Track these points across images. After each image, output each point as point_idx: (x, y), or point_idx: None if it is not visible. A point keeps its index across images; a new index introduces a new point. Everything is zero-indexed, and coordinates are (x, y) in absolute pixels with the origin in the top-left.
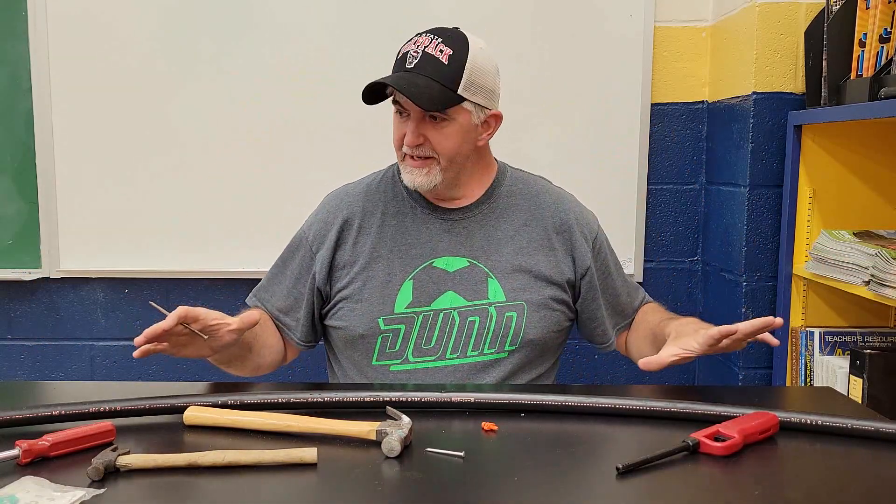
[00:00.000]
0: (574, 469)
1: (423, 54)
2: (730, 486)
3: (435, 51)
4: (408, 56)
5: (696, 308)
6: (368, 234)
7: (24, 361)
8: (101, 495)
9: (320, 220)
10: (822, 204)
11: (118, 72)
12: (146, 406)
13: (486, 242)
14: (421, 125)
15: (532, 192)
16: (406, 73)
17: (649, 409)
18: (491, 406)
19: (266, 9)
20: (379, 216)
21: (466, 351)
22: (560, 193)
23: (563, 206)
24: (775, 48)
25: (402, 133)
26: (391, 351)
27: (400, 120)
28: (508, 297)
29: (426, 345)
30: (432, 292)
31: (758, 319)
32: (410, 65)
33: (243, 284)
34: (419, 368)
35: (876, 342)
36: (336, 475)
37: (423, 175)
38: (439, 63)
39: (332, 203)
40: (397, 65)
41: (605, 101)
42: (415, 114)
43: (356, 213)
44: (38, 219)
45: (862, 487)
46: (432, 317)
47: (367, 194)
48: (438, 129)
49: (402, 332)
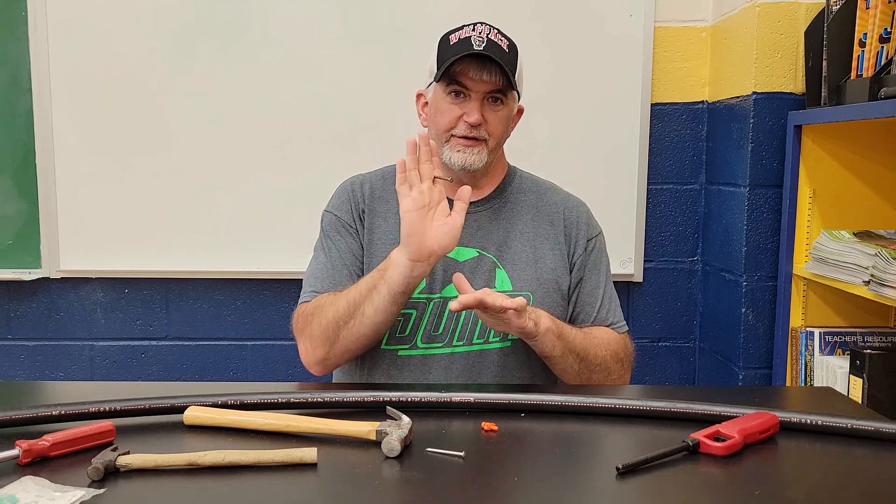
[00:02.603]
0: (574, 469)
1: (487, 40)
2: (730, 486)
3: (496, 38)
4: (472, 40)
5: (696, 308)
6: (386, 219)
7: (24, 361)
8: (101, 495)
9: (346, 201)
10: (822, 204)
11: (118, 72)
12: (146, 406)
13: (495, 235)
14: (482, 106)
15: (541, 191)
16: (483, 55)
17: (649, 409)
18: (491, 406)
19: (266, 9)
20: (395, 204)
21: (472, 339)
22: (570, 196)
23: (571, 205)
24: (775, 48)
25: (455, 114)
26: (401, 335)
27: (454, 101)
28: (515, 286)
29: (434, 331)
30: (442, 280)
31: (507, 301)
32: (479, 47)
33: (243, 284)
34: (427, 355)
35: (876, 342)
36: (336, 475)
37: (475, 154)
38: (503, 50)
39: (352, 186)
40: (460, 48)
41: (605, 101)
42: (478, 94)
43: (374, 197)
44: (38, 219)
45: (862, 487)
46: (441, 304)
47: (384, 182)
48: (496, 112)
49: (413, 316)
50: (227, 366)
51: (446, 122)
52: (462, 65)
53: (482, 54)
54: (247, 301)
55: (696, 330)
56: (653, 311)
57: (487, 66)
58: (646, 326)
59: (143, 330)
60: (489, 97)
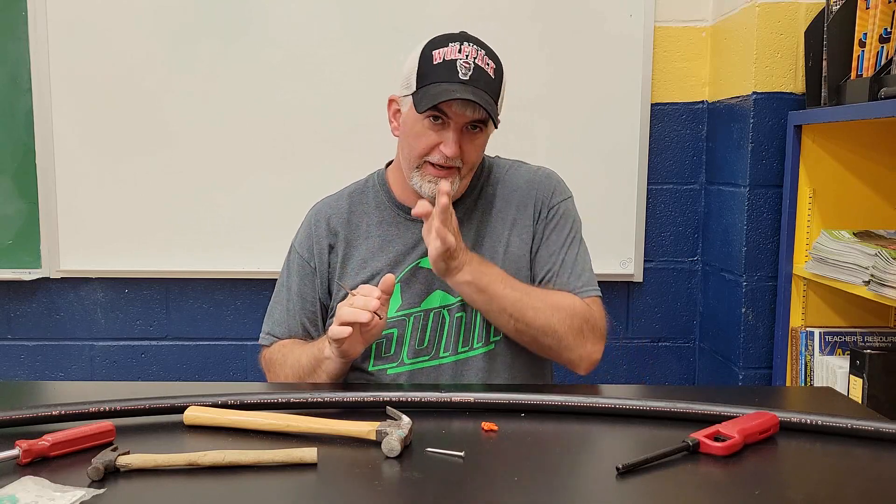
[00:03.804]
0: (574, 469)
1: (475, 66)
2: (730, 486)
3: (483, 63)
4: (458, 65)
5: (696, 308)
6: (355, 247)
7: (24, 361)
8: (101, 495)
9: (309, 237)
10: (822, 204)
11: (118, 72)
12: (146, 406)
13: (468, 237)
14: (460, 136)
15: (505, 180)
16: (467, 86)
17: (649, 409)
18: (491, 406)
19: (266, 9)
20: (364, 227)
21: (458, 348)
22: (533, 170)
23: (536, 181)
24: (775, 48)
25: (432, 141)
26: (387, 355)
27: (431, 127)
28: None
29: (419, 345)
30: (420, 293)
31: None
32: (465, 76)
33: (243, 284)
34: (415, 369)
35: (876, 342)
36: (336, 475)
37: (447, 184)
38: (489, 77)
39: (316, 218)
40: (444, 72)
41: (605, 101)
42: (457, 125)
43: (341, 226)
44: (38, 219)
45: (862, 487)
46: (423, 317)
47: (350, 206)
48: (473, 140)
49: (395, 335)
50: (227, 366)
51: (421, 147)
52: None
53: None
54: (247, 301)
55: (696, 330)
56: (653, 311)
57: (471, 104)
58: (646, 326)
59: (142, 330)
60: (468, 125)
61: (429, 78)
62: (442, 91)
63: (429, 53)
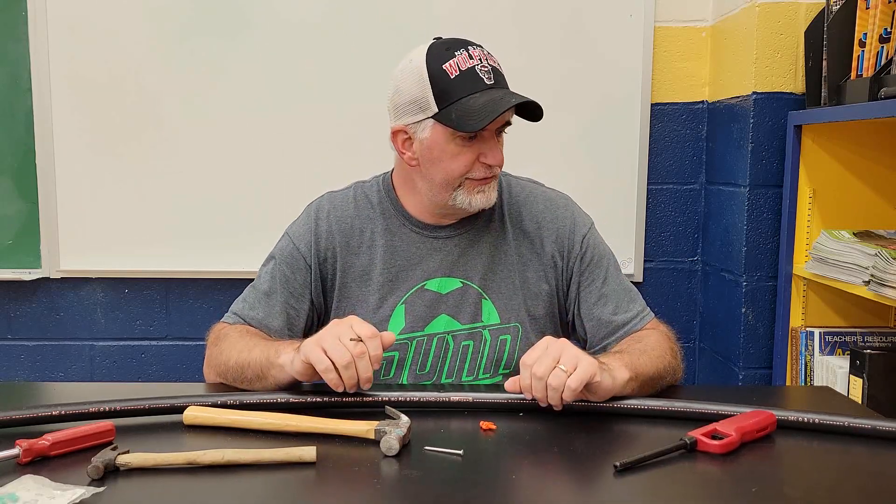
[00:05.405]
0: (572, 467)
1: (493, 69)
2: (727, 484)
3: (493, 61)
4: (479, 71)
5: (696, 308)
6: (358, 254)
7: (24, 361)
8: (101, 494)
9: (310, 231)
10: (822, 204)
11: (118, 72)
12: (146, 406)
13: (479, 261)
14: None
15: (521, 201)
16: (497, 90)
17: (647, 407)
18: (489, 405)
19: (266, 9)
20: (369, 234)
21: (461, 376)
22: (550, 198)
23: (554, 212)
24: (775, 48)
25: (471, 158)
26: (386, 378)
27: (465, 143)
28: (503, 318)
29: (420, 370)
30: (425, 316)
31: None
32: (490, 80)
33: (243, 285)
34: None
35: (876, 342)
36: (335, 474)
37: (492, 190)
38: (503, 74)
39: (319, 215)
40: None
41: (605, 101)
42: (492, 132)
43: (345, 230)
44: (38, 219)
45: (858, 485)
46: (426, 342)
47: (356, 209)
48: (502, 142)
49: (395, 358)
50: None
51: (462, 167)
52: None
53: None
54: None
55: (695, 330)
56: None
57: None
58: None
59: (142, 330)
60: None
61: (454, 94)
62: (488, 101)
63: (439, 69)
